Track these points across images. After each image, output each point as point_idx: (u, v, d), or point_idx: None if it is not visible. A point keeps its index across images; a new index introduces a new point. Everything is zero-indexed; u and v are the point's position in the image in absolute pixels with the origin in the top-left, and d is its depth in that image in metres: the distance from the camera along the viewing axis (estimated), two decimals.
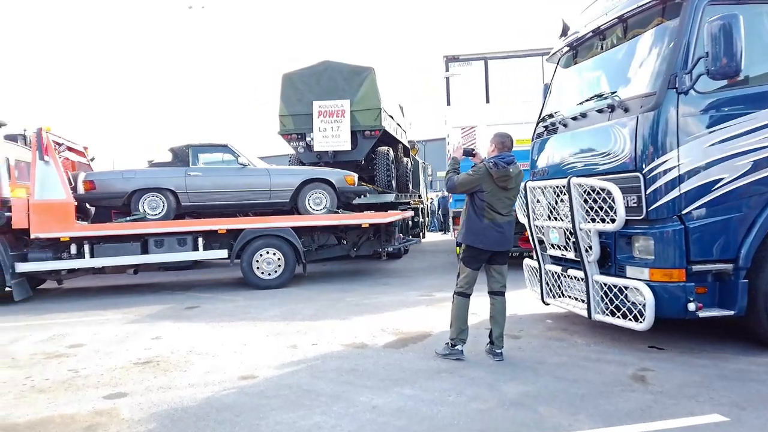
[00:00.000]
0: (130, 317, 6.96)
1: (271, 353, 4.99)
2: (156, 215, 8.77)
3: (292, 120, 11.84)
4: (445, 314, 6.43)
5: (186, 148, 9.10)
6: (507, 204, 4.57)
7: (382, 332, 5.62)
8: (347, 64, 11.88)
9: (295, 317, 6.55)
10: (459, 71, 9.81)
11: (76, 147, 9.63)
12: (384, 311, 6.69)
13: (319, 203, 9.37)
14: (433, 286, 8.53)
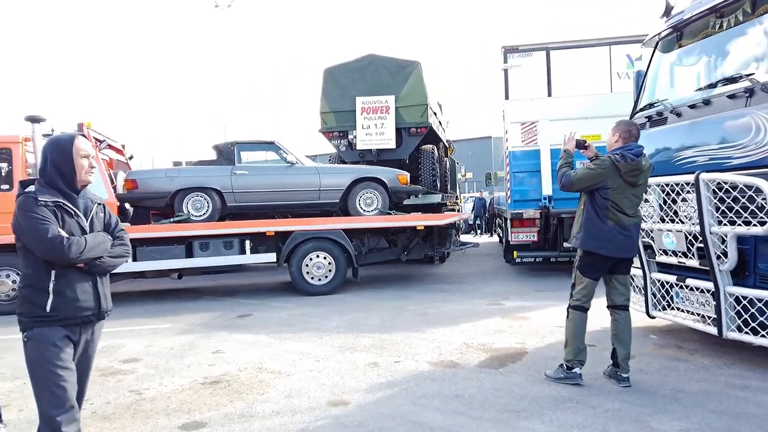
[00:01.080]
0: (181, 326, 6.45)
1: (352, 373, 4.42)
2: (200, 216, 8.27)
3: (334, 117, 11.28)
4: (527, 327, 5.86)
5: (231, 146, 8.60)
6: (635, 203, 3.94)
7: (468, 348, 5.02)
8: (392, 58, 11.31)
9: (362, 328, 5.98)
10: (518, 63, 9.16)
11: (114, 144, 9.18)
12: (457, 322, 6.09)
13: (370, 204, 8.80)
14: (497, 294, 7.91)
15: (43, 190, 2.37)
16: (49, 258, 2.31)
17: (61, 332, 2.37)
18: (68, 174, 2.41)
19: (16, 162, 7.58)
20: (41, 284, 2.33)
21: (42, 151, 2.43)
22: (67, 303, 2.36)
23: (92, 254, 2.39)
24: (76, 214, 2.43)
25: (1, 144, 7.58)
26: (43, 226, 2.27)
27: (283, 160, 8.83)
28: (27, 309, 2.35)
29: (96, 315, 2.48)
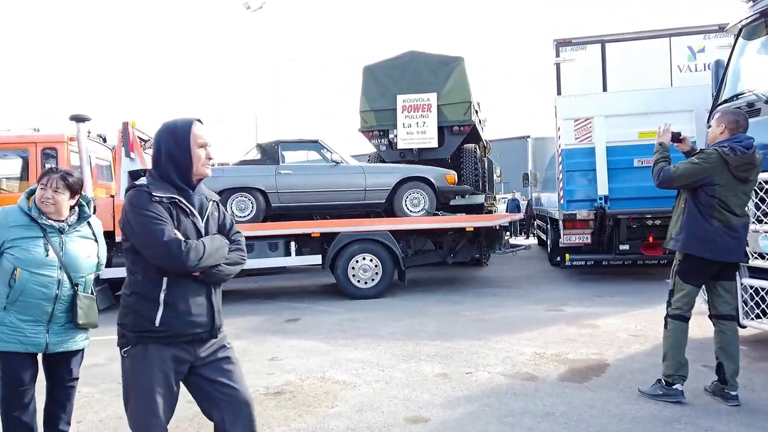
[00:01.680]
0: (230, 331, 6.16)
1: (423, 385, 4.12)
2: (244, 217, 8.08)
3: (374, 116, 11.00)
4: (598, 335, 5.48)
5: (275, 145, 8.39)
6: (743, 201, 3.55)
7: (542, 359, 4.68)
8: (434, 54, 11.00)
9: (420, 335, 5.68)
10: (571, 56, 8.77)
11: None
12: (520, 330, 5.75)
13: (417, 204, 8.50)
14: (553, 299, 7.53)
15: (157, 184, 2.03)
16: (163, 265, 1.98)
17: (168, 352, 2.04)
18: (184, 165, 2.06)
19: (62, 162, 7.48)
20: (151, 293, 2.00)
21: (155, 138, 2.12)
22: (179, 317, 2.02)
23: (210, 261, 2.04)
24: (192, 213, 2.09)
25: (47, 143, 7.49)
26: (158, 227, 1.94)
27: (324, 159, 8.63)
28: (132, 321, 2.04)
29: (209, 332, 2.11)
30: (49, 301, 2.62)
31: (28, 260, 2.57)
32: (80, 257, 2.71)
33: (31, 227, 2.61)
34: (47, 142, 7.49)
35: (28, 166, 8.59)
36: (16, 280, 2.55)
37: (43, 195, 2.62)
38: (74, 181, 2.71)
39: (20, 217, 2.62)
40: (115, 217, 7.48)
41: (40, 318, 2.62)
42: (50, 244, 2.63)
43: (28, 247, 2.58)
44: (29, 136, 7.60)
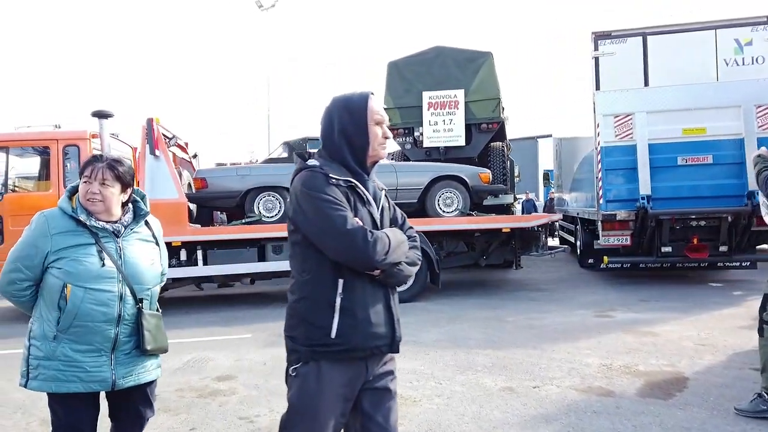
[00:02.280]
0: (264, 337, 5.91)
1: (490, 401, 3.78)
2: (271, 217, 7.76)
3: (399, 113, 10.69)
4: (662, 345, 5.09)
5: (303, 142, 8.08)
6: None
7: (610, 371, 4.33)
8: (461, 49, 10.67)
9: (468, 343, 5.35)
10: (611, 50, 8.41)
11: (179, 142, 8.76)
12: (576, 338, 5.40)
13: (450, 204, 8.16)
14: (597, 304, 7.18)
15: (331, 166, 1.73)
16: (345, 258, 1.65)
17: (343, 371, 1.70)
18: (360, 145, 1.75)
19: (84, 159, 7.17)
20: (324, 297, 1.67)
21: (325, 113, 1.79)
22: (358, 327, 1.68)
23: (394, 258, 1.70)
24: (368, 201, 1.77)
25: (69, 140, 7.20)
26: (338, 213, 1.63)
27: None
28: (303, 332, 1.69)
29: (389, 346, 1.76)
30: (111, 323, 2.04)
31: (81, 273, 2.01)
32: (142, 265, 2.15)
33: (78, 233, 2.06)
34: (69, 138, 7.20)
35: (48, 164, 8.33)
36: (68, 299, 1.98)
37: (89, 190, 2.07)
38: (125, 171, 2.13)
39: (64, 222, 2.06)
40: None
41: (101, 346, 2.04)
42: (105, 252, 2.06)
43: (78, 258, 2.02)
44: (50, 133, 7.32)
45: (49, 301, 2.03)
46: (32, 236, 2.04)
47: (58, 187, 7.09)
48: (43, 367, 2.00)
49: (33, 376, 2.02)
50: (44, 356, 2.00)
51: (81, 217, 2.07)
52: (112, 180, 2.09)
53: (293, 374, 1.71)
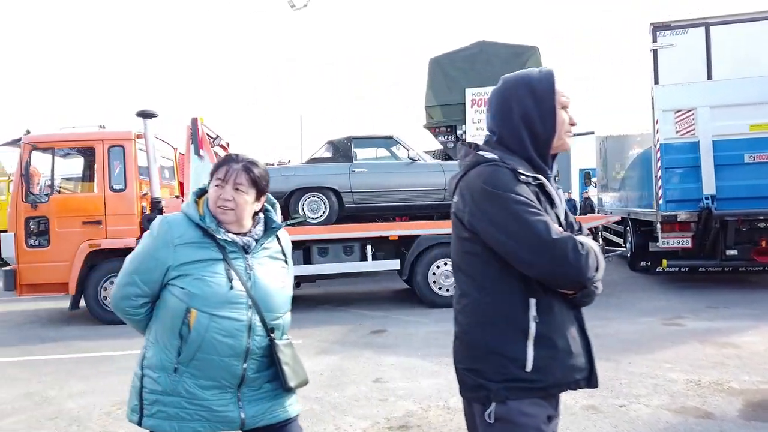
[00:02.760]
0: (315, 343, 5.69)
1: (574, 421, 3.48)
2: (317, 219, 7.55)
3: (441, 111, 10.38)
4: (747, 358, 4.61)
5: (348, 141, 7.84)
6: None
7: (700, 387, 3.96)
8: (506, 44, 10.32)
9: None
10: (671, 42, 7.94)
11: (222, 142, 8.62)
12: (650, 349, 5.03)
13: None
14: (661, 310, 6.77)
15: (514, 160, 1.42)
16: (549, 274, 1.34)
17: (543, 411, 1.40)
18: (544, 133, 1.45)
19: (129, 160, 7.08)
20: (514, 321, 1.37)
21: (498, 97, 1.50)
22: (557, 358, 1.38)
23: (601, 273, 1.39)
24: (555, 203, 1.46)
25: (114, 141, 7.09)
26: (538, 218, 1.33)
27: (393, 156, 8.05)
28: (492, 365, 1.39)
29: (587, 380, 1.46)
30: (239, 357, 1.69)
31: (208, 296, 1.65)
32: (273, 288, 1.77)
33: (205, 245, 1.70)
34: (114, 139, 7.10)
35: (91, 165, 8.29)
36: (192, 326, 1.64)
37: (221, 195, 1.70)
38: (261, 175, 1.76)
39: (190, 231, 1.71)
40: None
41: (227, 382, 1.71)
42: (234, 271, 1.70)
43: (204, 276, 1.66)
44: (95, 134, 7.23)
45: (169, 326, 1.69)
46: (153, 245, 1.71)
47: (104, 188, 6.99)
48: (162, 404, 1.67)
49: (149, 412, 1.68)
50: (163, 390, 1.68)
51: (210, 226, 1.70)
52: (247, 185, 1.73)
53: (491, 421, 1.38)
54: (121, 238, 6.94)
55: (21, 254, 6.85)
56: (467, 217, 1.42)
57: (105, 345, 5.93)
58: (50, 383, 4.63)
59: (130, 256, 1.76)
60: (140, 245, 1.74)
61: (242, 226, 1.76)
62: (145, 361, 1.73)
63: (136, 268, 1.72)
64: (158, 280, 1.70)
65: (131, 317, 1.76)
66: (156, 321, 1.74)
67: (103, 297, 6.92)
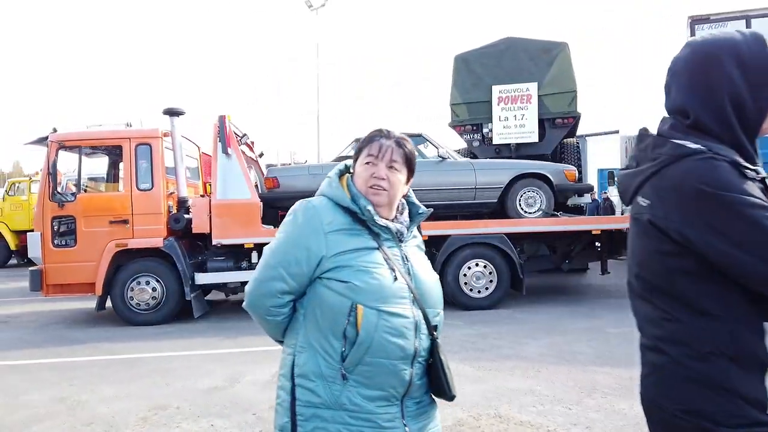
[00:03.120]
0: None
1: (638, 430, 3.26)
2: None
3: (467, 109, 10.21)
4: None
5: None
6: None
7: None
8: (534, 40, 10.09)
9: (577, 358, 4.83)
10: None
11: (247, 140, 8.50)
12: None
13: (533, 204, 7.60)
14: None
15: (722, 149, 1.15)
16: None
17: None
18: (757, 113, 1.18)
19: (156, 159, 6.96)
20: (751, 352, 1.14)
21: (690, 63, 1.21)
22: None
23: None
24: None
25: (142, 138, 6.99)
26: None
27: (421, 155, 7.87)
28: (722, 407, 1.13)
29: None
30: (407, 361, 1.44)
31: (374, 290, 1.42)
32: (431, 281, 1.57)
33: (356, 232, 1.49)
34: (141, 137, 6.99)
35: (115, 163, 8.22)
36: (359, 325, 1.40)
37: (374, 174, 1.49)
38: (413, 152, 1.56)
39: (339, 216, 1.49)
40: (211, 218, 6.91)
41: (394, 392, 1.44)
42: (391, 261, 1.48)
43: (367, 267, 1.44)
44: (122, 132, 7.13)
45: (328, 326, 1.43)
46: (301, 233, 1.46)
47: (131, 187, 6.89)
48: (320, 419, 1.41)
49: (305, 430, 1.41)
50: (322, 403, 1.41)
51: (367, 209, 1.46)
52: (401, 162, 1.52)
53: None
54: (148, 237, 6.84)
55: (47, 254, 6.76)
56: (677, 225, 1.14)
57: (133, 347, 5.82)
58: (82, 386, 4.52)
59: (272, 247, 1.51)
60: (282, 234, 1.51)
61: (391, 211, 1.54)
62: (297, 369, 1.44)
63: (282, 260, 1.46)
64: (308, 273, 1.45)
65: (272, 318, 1.51)
66: (307, 321, 1.47)
67: (129, 297, 6.82)
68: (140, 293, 6.83)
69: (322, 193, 1.54)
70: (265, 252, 1.52)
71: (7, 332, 6.76)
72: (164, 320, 6.88)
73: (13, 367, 5.25)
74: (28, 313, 7.95)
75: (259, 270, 1.50)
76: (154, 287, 6.87)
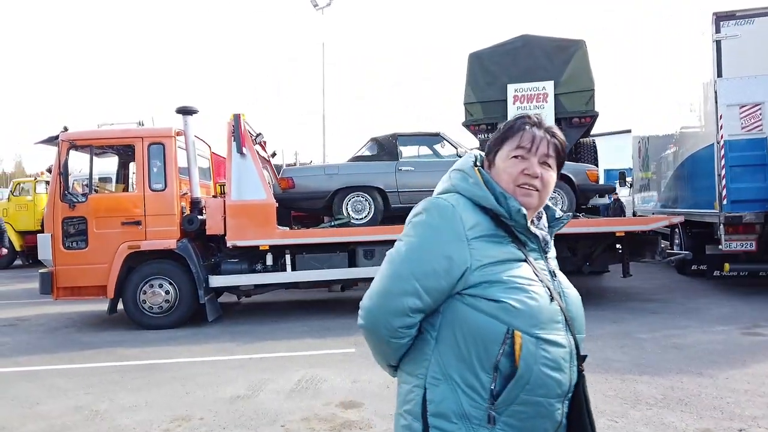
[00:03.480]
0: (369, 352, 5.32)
1: None
2: (361, 219, 7.21)
3: (481, 108, 10.04)
4: None
5: (393, 139, 7.50)
6: None
7: None
8: (550, 38, 9.92)
9: (612, 365, 4.63)
10: (735, 32, 7.49)
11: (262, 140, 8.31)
12: (742, 363, 4.64)
13: (554, 205, 7.30)
14: (733, 318, 6.33)
15: None
16: None
17: None
18: None
19: (170, 158, 6.78)
20: None
21: None
22: None
23: None
24: None
25: (154, 138, 6.80)
26: None
27: (436, 154, 7.71)
28: None
29: None
30: (561, 398, 1.20)
31: (534, 313, 1.17)
32: (578, 302, 1.31)
33: (500, 240, 1.23)
34: (154, 136, 6.81)
35: (125, 163, 8.05)
36: (518, 357, 1.14)
37: (525, 170, 1.25)
38: (563, 144, 1.33)
39: (481, 219, 1.23)
40: (225, 219, 6.73)
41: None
42: (540, 277, 1.23)
43: (521, 283, 1.19)
44: (135, 131, 6.95)
45: (473, 355, 1.16)
46: (439, 238, 1.20)
47: (143, 187, 6.71)
48: None
49: None
50: None
51: (521, 213, 1.21)
52: (554, 158, 1.29)
53: None
54: (161, 239, 6.66)
55: (58, 256, 6.59)
56: None
57: (149, 352, 5.64)
58: (99, 395, 4.34)
59: (400, 254, 1.23)
60: (415, 239, 1.23)
61: (531, 216, 1.29)
62: (431, 406, 1.18)
63: (417, 271, 1.19)
64: (447, 288, 1.18)
65: (396, 341, 1.23)
66: (441, 347, 1.20)
67: (142, 301, 6.65)
68: (153, 296, 6.65)
69: (456, 190, 1.26)
70: (392, 259, 1.25)
71: (16, 336, 6.59)
72: (177, 324, 6.71)
73: (25, 373, 5.08)
74: (37, 315, 7.78)
75: (385, 281, 1.22)
76: (167, 290, 6.69)
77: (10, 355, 5.72)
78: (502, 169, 1.27)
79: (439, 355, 1.20)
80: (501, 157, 1.28)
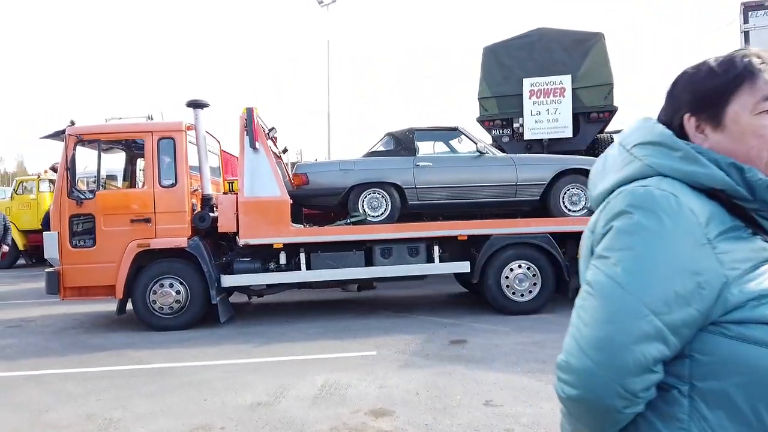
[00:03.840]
0: (391, 354, 5.11)
1: None
2: (377, 217, 6.96)
3: (496, 103, 9.78)
4: None
5: (410, 133, 7.25)
6: None
7: None
8: (567, 31, 9.67)
9: None
10: (764, 22, 7.25)
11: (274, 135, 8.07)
12: None
13: (577, 202, 7.16)
14: None
15: None
16: None
17: None
18: None
19: (180, 153, 6.55)
20: None
21: None
22: None
23: None
24: None
25: (164, 133, 6.56)
26: None
27: (452, 150, 7.47)
28: None
29: None
30: None
31: None
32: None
33: (741, 233, 0.88)
34: (164, 130, 6.57)
35: (133, 159, 7.82)
36: None
37: None
38: None
39: (710, 206, 0.87)
40: (238, 216, 6.50)
41: None
42: None
43: None
44: (144, 125, 6.72)
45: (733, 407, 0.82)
46: (672, 247, 0.83)
47: (153, 183, 6.47)
48: None
49: None
50: None
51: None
52: None
53: None
54: (171, 237, 6.42)
55: (65, 255, 6.35)
56: None
57: (160, 355, 5.41)
58: (111, 402, 4.10)
59: (619, 280, 0.84)
60: (634, 253, 0.84)
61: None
62: None
63: (651, 300, 0.82)
64: (700, 318, 0.82)
65: (631, 410, 0.84)
66: (702, 408, 0.83)
67: (152, 301, 6.41)
68: (163, 296, 6.41)
69: (657, 171, 0.90)
70: (602, 289, 0.85)
71: (22, 338, 6.36)
72: (188, 325, 6.47)
73: (32, 377, 4.84)
74: (42, 316, 7.55)
75: (603, 326, 0.83)
76: (178, 290, 6.45)
77: (16, 358, 5.49)
78: (750, 131, 0.89)
79: (702, 421, 0.83)
80: (737, 114, 0.90)
